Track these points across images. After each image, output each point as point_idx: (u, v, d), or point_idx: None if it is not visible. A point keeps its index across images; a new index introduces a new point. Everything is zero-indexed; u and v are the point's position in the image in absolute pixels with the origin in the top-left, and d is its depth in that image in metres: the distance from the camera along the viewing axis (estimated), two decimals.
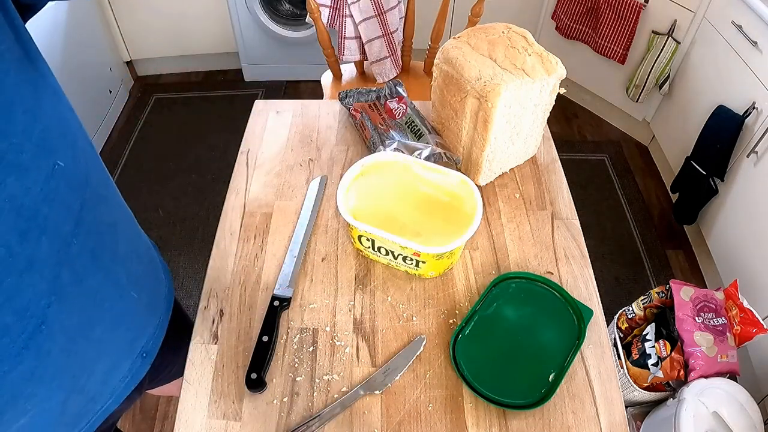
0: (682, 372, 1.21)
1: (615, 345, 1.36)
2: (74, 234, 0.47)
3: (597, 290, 0.75)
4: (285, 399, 0.65)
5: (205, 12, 2.41)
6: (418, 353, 0.68)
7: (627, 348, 1.35)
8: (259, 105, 1.04)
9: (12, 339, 0.42)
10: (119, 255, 0.56)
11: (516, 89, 0.76)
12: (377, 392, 0.65)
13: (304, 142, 0.96)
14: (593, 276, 0.77)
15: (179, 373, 0.70)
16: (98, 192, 0.53)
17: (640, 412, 1.33)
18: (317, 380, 0.67)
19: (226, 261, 0.78)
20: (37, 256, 0.43)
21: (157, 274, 0.69)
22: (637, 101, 2.09)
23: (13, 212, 0.40)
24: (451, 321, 0.72)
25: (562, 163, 0.92)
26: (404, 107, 0.95)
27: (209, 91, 2.61)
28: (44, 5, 0.45)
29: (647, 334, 1.30)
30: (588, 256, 0.79)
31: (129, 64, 2.63)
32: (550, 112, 0.86)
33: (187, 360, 0.68)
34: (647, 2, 1.90)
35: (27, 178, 0.41)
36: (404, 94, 0.98)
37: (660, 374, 1.23)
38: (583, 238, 0.81)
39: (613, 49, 2.05)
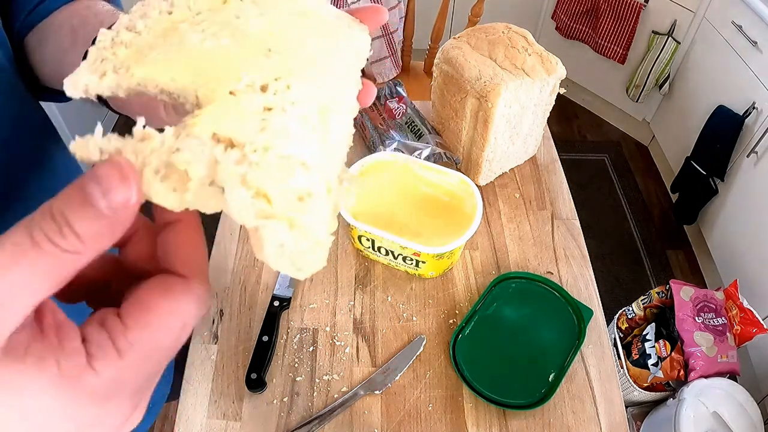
0: (682, 372, 1.21)
1: (615, 345, 1.36)
2: None
3: (597, 290, 0.75)
4: (285, 399, 0.65)
5: None
6: (418, 353, 0.68)
7: (627, 348, 1.35)
8: None
9: None
10: None
11: (516, 89, 0.76)
12: (377, 392, 0.65)
13: None
14: (593, 276, 0.77)
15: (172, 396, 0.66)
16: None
17: (640, 412, 1.33)
18: (317, 380, 0.67)
19: (226, 261, 0.78)
20: None
21: None
22: (637, 101, 2.09)
23: None
24: (451, 321, 0.72)
25: (562, 163, 0.92)
26: (404, 107, 0.95)
27: None
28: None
29: (647, 334, 1.30)
30: (588, 256, 0.79)
31: None
32: (550, 112, 0.86)
33: (187, 360, 0.68)
34: (647, 2, 1.90)
35: None
36: (404, 94, 0.98)
37: (660, 374, 1.23)
38: (583, 238, 0.81)
39: (613, 49, 2.05)
